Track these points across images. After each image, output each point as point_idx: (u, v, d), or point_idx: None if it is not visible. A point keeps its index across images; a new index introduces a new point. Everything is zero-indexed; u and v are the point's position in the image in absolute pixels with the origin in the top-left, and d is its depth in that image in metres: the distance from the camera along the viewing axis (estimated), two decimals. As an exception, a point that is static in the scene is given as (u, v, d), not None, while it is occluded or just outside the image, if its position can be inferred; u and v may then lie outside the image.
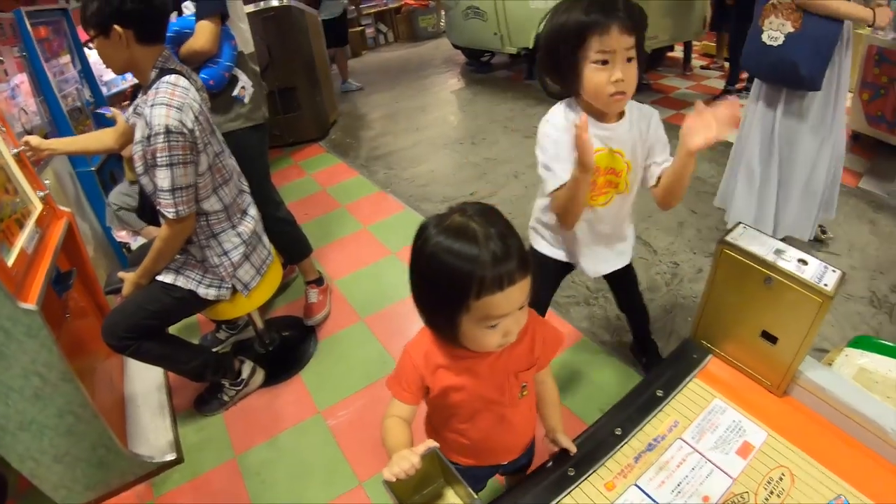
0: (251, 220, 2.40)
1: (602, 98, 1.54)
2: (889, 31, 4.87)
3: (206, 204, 2.16)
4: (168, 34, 2.33)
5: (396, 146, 5.57)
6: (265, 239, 2.53)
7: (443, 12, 8.90)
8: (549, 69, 1.64)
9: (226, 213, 2.25)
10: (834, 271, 1.42)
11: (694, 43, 7.61)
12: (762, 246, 1.49)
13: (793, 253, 1.47)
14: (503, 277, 1.05)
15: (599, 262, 2.03)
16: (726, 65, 7.04)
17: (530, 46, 6.60)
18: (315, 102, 5.68)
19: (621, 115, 1.68)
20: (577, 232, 1.88)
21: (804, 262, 1.44)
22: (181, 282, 2.22)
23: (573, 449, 1.43)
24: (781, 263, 1.43)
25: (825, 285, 1.38)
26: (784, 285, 1.42)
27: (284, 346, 2.98)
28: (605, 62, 1.48)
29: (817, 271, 1.41)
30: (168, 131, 1.89)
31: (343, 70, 7.69)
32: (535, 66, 6.74)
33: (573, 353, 2.69)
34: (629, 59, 1.50)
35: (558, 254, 2.02)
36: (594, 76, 1.50)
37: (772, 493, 1.36)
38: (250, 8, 4.77)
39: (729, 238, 1.52)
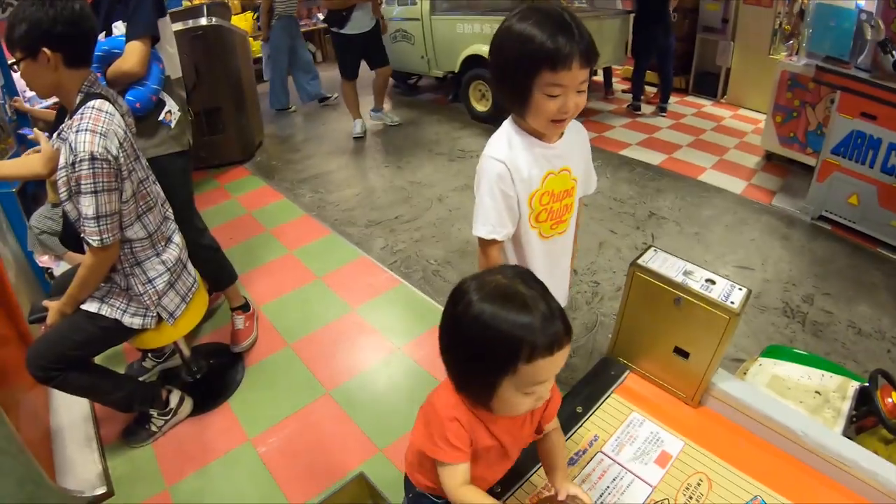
0: (176, 248, 2.37)
1: (544, 123, 1.48)
2: (801, 57, 5.12)
3: (129, 231, 2.12)
4: (96, 53, 2.27)
5: (322, 169, 5.56)
6: (190, 266, 2.50)
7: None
8: (499, 87, 1.53)
9: (150, 241, 2.22)
10: (740, 289, 1.49)
11: (615, 67, 7.91)
12: (672, 268, 1.56)
13: (701, 274, 1.53)
14: (553, 342, 1.04)
15: (557, 297, 1.99)
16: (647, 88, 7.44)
17: (456, 70, 6.75)
18: (241, 124, 5.59)
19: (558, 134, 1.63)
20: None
21: (712, 282, 1.50)
22: (106, 311, 2.18)
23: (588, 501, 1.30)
24: (690, 284, 1.50)
25: (732, 303, 1.44)
26: (693, 304, 1.49)
27: (212, 374, 2.94)
28: (557, 95, 1.40)
29: (724, 290, 1.48)
30: (93, 158, 1.86)
31: (379, 94, 6.62)
32: (460, 89, 6.85)
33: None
34: (580, 91, 1.44)
35: None
36: (543, 104, 1.42)
37: (690, 497, 1.41)
38: (178, 26, 4.68)
39: (640, 261, 1.58)
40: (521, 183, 1.55)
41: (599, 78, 7.99)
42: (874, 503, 1.40)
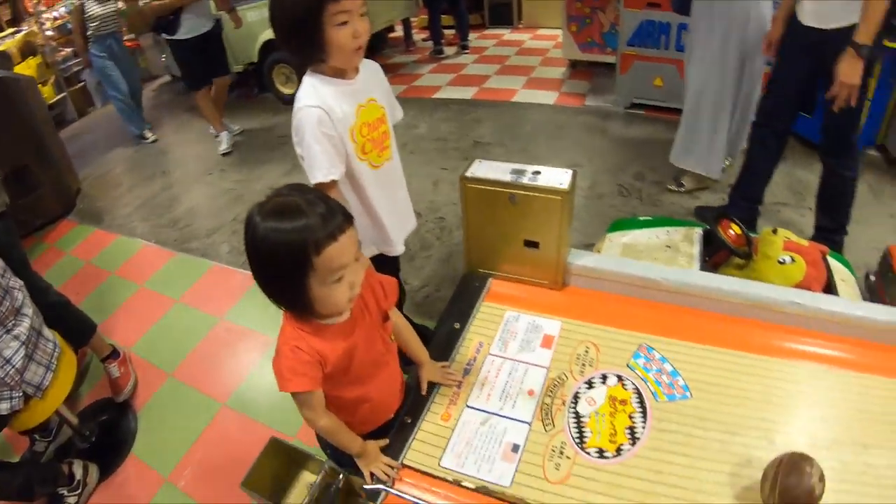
0: (26, 318, 2.21)
1: (346, 54, 1.67)
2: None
3: None
4: None
5: (147, 195, 5.32)
6: (46, 331, 2.35)
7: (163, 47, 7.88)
8: (291, 44, 1.69)
9: None
10: (566, 172, 1.61)
11: (412, 20, 8.07)
12: (499, 171, 1.66)
13: (529, 169, 1.64)
14: (335, 230, 1.12)
15: (404, 224, 2.17)
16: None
17: (256, 59, 6.70)
18: (52, 175, 5.15)
19: (356, 69, 1.81)
20: (374, 205, 1.94)
21: (538, 173, 1.62)
22: None
23: (457, 379, 1.55)
24: (519, 180, 1.60)
25: (561, 185, 1.56)
26: (527, 196, 1.59)
27: (106, 432, 2.82)
28: (345, 22, 1.59)
29: (552, 176, 1.60)
30: None
31: (219, 108, 5.87)
32: (264, 78, 6.79)
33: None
34: (362, 14, 1.64)
35: (368, 250, 2.04)
36: (338, 35, 1.60)
37: (584, 364, 1.53)
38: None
39: (468, 173, 1.67)
40: (338, 122, 1.71)
41: (399, 34, 8.15)
42: (746, 318, 1.59)
